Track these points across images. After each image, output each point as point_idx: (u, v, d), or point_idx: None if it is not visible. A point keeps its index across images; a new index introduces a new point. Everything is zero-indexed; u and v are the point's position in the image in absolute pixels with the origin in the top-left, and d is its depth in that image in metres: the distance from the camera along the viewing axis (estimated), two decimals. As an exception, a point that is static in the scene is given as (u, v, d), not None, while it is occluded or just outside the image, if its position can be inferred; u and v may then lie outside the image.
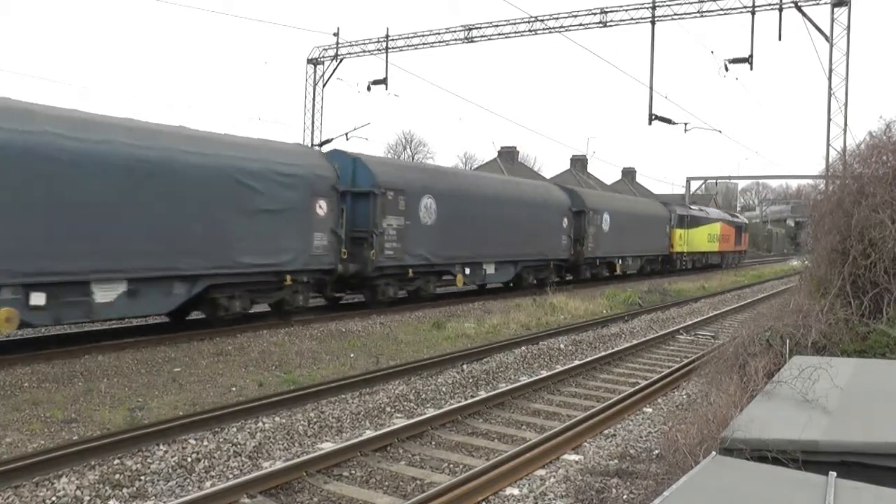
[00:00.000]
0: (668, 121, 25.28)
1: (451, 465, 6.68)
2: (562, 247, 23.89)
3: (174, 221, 11.57)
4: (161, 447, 6.53)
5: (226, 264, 12.54)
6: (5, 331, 9.64)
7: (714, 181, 65.53)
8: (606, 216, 26.79)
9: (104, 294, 10.77)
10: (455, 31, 28.32)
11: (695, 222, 37.58)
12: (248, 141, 13.69)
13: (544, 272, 23.39)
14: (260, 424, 7.37)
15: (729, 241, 42.95)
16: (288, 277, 13.95)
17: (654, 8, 24.17)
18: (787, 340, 7.55)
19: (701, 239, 38.29)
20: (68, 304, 10.31)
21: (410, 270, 17.29)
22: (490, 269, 20.43)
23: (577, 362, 11.60)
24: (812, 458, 4.14)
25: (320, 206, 14.46)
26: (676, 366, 11.34)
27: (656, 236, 32.52)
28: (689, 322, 17.10)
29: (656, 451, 6.84)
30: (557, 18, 26.42)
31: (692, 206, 40.29)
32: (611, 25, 25.53)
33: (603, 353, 12.42)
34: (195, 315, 13.57)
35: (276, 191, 13.38)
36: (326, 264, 14.80)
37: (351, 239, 15.65)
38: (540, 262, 23.02)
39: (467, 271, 19.25)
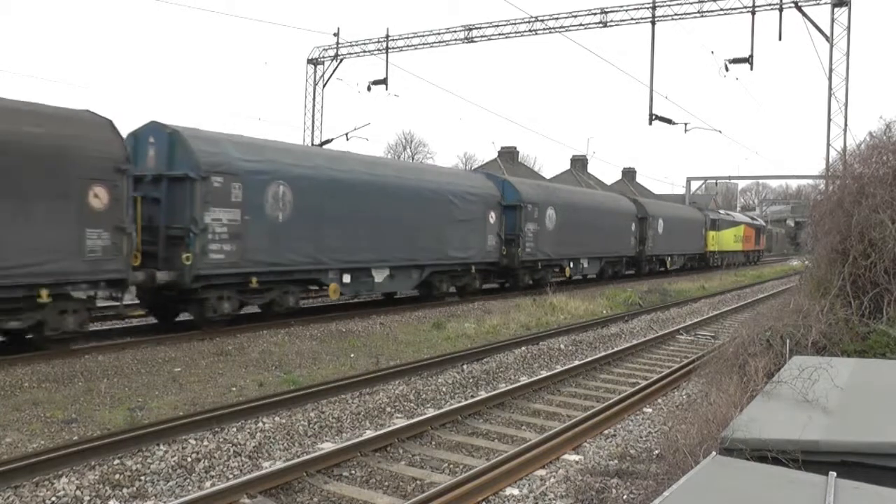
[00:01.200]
0: (669, 121, 25.30)
1: (452, 465, 6.68)
2: (631, 245, 29.51)
3: (416, 229, 17.19)
4: (161, 447, 6.53)
5: (441, 258, 18.34)
6: (334, 298, 15.86)
7: (714, 181, 65.62)
8: (661, 221, 32.34)
9: (378, 276, 16.33)
10: (455, 31, 28.34)
11: (724, 225, 42.99)
12: (452, 170, 22.10)
13: (618, 266, 29.42)
14: (260, 424, 7.37)
15: (751, 241, 48.44)
16: (472, 267, 19.70)
17: (654, 8, 24.18)
18: (787, 340, 7.54)
19: (728, 239, 43.55)
20: (360, 282, 15.92)
21: (539, 264, 22.74)
22: (586, 264, 25.98)
23: (577, 362, 11.60)
24: (812, 458, 4.14)
25: (491, 217, 20.06)
26: (676, 366, 11.34)
27: (695, 238, 38.26)
28: (689, 322, 17.10)
29: (656, 452, 6.84)
30: (557, 18, 26.44)
31: (721, 211, 46.90)
32: (611, 25, 25.56)
33: (603, 354, 12.42)
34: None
35: (467, 206, 19.01)
36: (494, 258, 20.45)
37: (505, 240, 20.78)
38: (615, 258, 28.60)
39: (571, 265, 24.95)
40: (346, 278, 15.54)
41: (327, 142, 31.87)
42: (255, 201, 13.31)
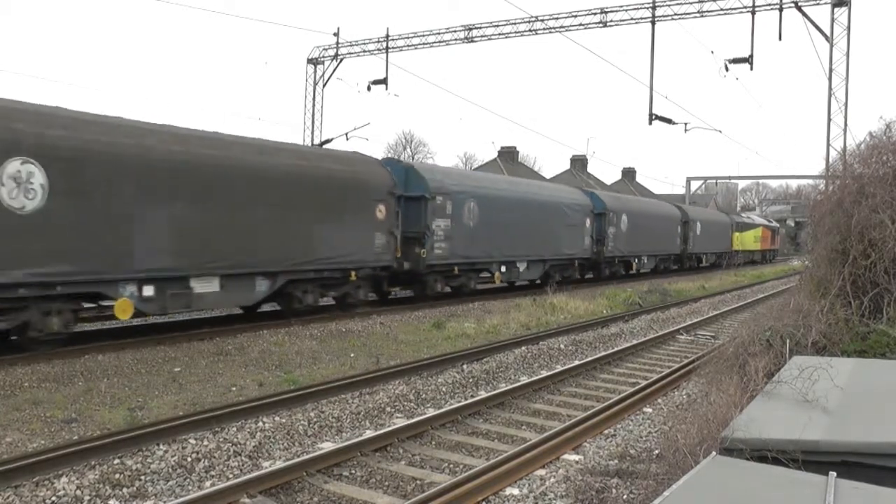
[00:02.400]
0: (669, 121, 25.29)
1: (451, 465, 6.68)
2: (676, 245, 35.26)
3: (542, 232, 22.23)
4: (161, 447, 6.53)
5: (558, 254, 23.69)
6: (497, 283, 21.21)
7: (714, 181, 65.68)
8: (699, 224, 38.32)
9: (521, 267, 21.60)
10: (455, 31, 28.33)
11: (746, 227, 49.64)
12: (560, 186, 28.20)
13: (667, 262, 34.71)
14: (260, 424, 7.37)
15: (767, 241, 55.39)
16: (576, 262, 25.27)
17: (654, 8, 24.17)
18: (787, 340, 7.54)
19: (749, 240, 50.09)
20: (511, 272, 21.06)
21: (616, 259, 28.46)
22: (645, 260, 31.31)
23: (577, 362, 11.60)
24: (812, 458, 4.14)
25: (588, 222, 25.49)
26: (676, 366, 11.34)
27: (724, 238, 43.79)
28: (689, 322, 17.10)
29: (656, 451, 6.84)
30: (557, 18, 26.44)
31: (742, 215, 54.27)
32: (611, 25, 25.55)
33: (603, 353, 12.42)
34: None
35: (573, 214, 24.50)
36: (588, 255, 25.80)
37: (595, 240, 26.13)
38: (665, 255, 34.14)
39: (637, 260, 30.40)
40: (503, 269, 20.86)
41: (327, 141, 31.85)
42: (458, 213, 18.75)
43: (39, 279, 10.03)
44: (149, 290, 11.47)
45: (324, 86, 32.27)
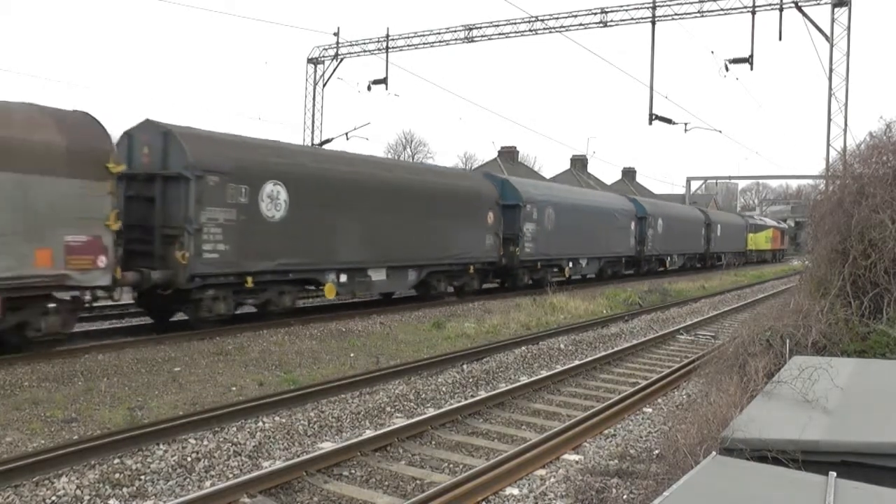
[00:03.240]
0: (669, 121, 25.29)
1: (451, 465, 6.68)
2: (701, 245, 39.13)
3: (598, 234, 26.29)
4: (161, 447, 6.53)
5: (608, 254, 27.65)
6: (566, 276, 24.77)
7: (714, 181, 65.73)
8: (719, 226, 42.42)
9: (584, 264, 25.12)
10: (455, 31, 28.33)
11: (759, 229, 54.14)
12: (612, 195, 32.64)
13: (693, 260, 39.01)
14: (260, 424, 7.37)
15: (777, 242, 60.05)
16: (623, 259, 29.63)
17: (654, 8, 24.17)
18: (787, 340, 7.54)
19: (762, 240, 54.54)
20: (576, 268, 24.86)
21: (653, 258, 32.71)
22: (676, 258, 36.30)
23: (577, 362, 11.60)
24: (812, 458, 4.14)
25: (633, 225, 29.87)
26: (676, 366, 11.34)
27: (740, 239, 48.44)
28: (690, 322, 17.10)
29: (656, 451, 6.84)
30: (558, 18, 26.44)
31: (755, 217, 59.71)
32: (611, 25, 25.56)
33: (603, 353, 12.42)
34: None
35: (622, 218, 28.47)
36: (633, 253, 29.99)
37: (637, 241, 29.81)
38: (692, 254, 38.69)
39: (669, 259, 35.25)
40: (571, 265, 24.46)
41: (327, 141, 31.86)
42: (541, 218, 22.57)
43: (281, 268, 13.78)
44: (343, 277, 15.34)
45: (324, 86, 32.28)
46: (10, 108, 10.03)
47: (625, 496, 5.77)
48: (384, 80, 29.17)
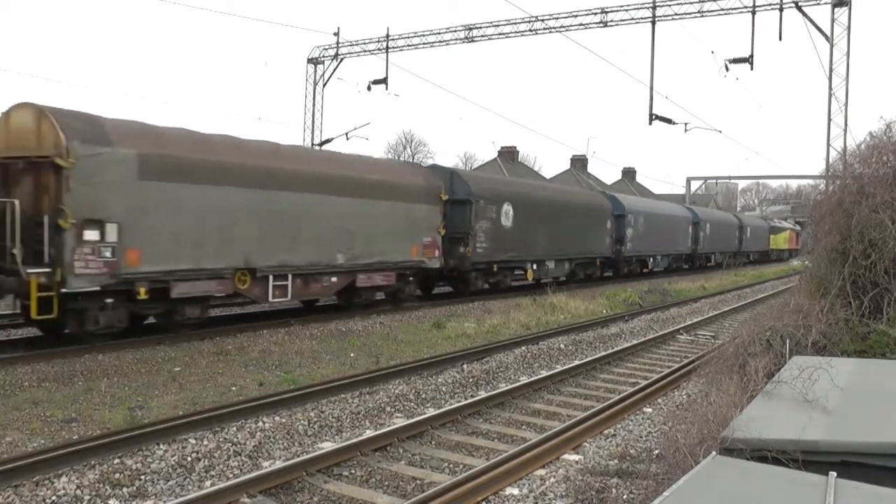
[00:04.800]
0: (669, 121, 25.28)
1: (451, 465, 6.68)
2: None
3: (667, 237, 32.81)
4: (161, 447, 6.53)
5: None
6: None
7: (714, 181, 65.75)
8: (749, 229, 48.97)
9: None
10: (455, 31, 28.31)
11: (778, 231, 61.48)
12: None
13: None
14: (260, 424, 7.37)
15: (793, 242, 66.06)
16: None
17: (654, 8, 24.16)
18: (787, 340, 7.55)
19: (780, 241, 61.60)
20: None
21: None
22: (717, 256, 41.75)
23: (577, 362, 11.60)
24: (812, 458, 4.14)
25: (692, 229, 36.67)
26: (676, 366, 11.34)
27: (764, 240, 55.54)
28: (690, 322, 17.10)
29: (656, 451, 6.84)
30: (558, 18, 26.42)
31: (775, 220, 66.57)
32: (611, 25, 25.53)
33: (603, 353, 12.42)
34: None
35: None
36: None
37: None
38: (730, 252, 43.02)
39: (715, 256, 41.53)
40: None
41: (327, 141, 31.86)
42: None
43: (510, 259, 21.09)
44: (534, 266, 22.42)
45: (324, 86, 32.27)
46: (396, 164, 20.36)
47: (625, 496, 5.77)
48: (384, 80, 29.16)
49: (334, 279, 14.97)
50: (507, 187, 22.53)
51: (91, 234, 10.47)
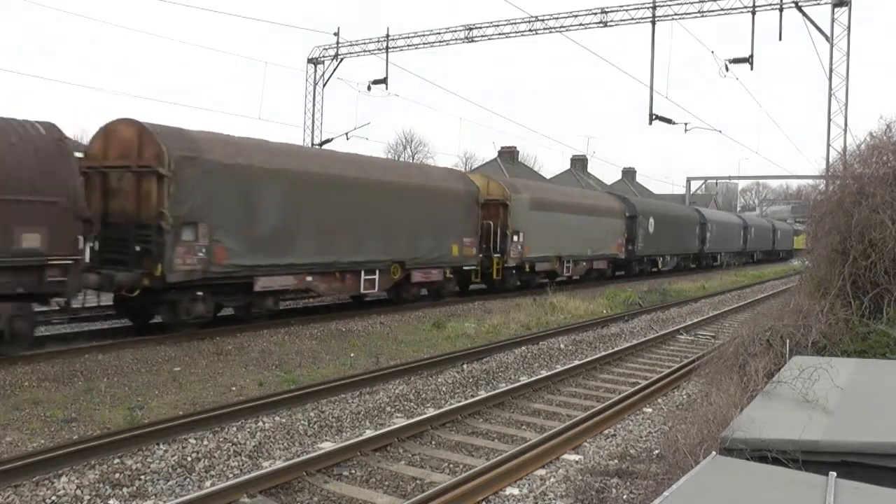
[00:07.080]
0: (669, 121, 25.27)
1: (451, 465, 6.68)
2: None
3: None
4: (161, 446, 6.53)
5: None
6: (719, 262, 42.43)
7: (714, 181, 65.79)
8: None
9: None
10: (455, 31, 28.32)
11: (801, 232, 64.33)
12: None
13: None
14: (260, 424, 7.37)
15: None
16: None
17: (654, 8, 24.16)
18: (787, 340, 7.55)
19: (801, 242, 65.62)
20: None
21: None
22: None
23: (577, 362, 11.60)
24: (812, 458, 4.14)
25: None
26: (676, 366, 11.34)
27: (790, 240, 61.47)
28: (690, 322, 17.10)
29: (656, 451, 6.84)
30: (558, 18, 26.42)
31: (799, 222, 69.56)
32: (611, 25, 25.53)
33: (603, 353, 12.42)
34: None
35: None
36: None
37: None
38: (761, 252, 51.53)
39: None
40: (726, 256, 33.64)
41: (327, 141, 31.85)
42: (714, 229, 40.52)
43: (651, 254, 32.41)
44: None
45: (324, 86, 32.27)
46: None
47: (625, 496, 5.77)
48: (384, 80, 29.16)
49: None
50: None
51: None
